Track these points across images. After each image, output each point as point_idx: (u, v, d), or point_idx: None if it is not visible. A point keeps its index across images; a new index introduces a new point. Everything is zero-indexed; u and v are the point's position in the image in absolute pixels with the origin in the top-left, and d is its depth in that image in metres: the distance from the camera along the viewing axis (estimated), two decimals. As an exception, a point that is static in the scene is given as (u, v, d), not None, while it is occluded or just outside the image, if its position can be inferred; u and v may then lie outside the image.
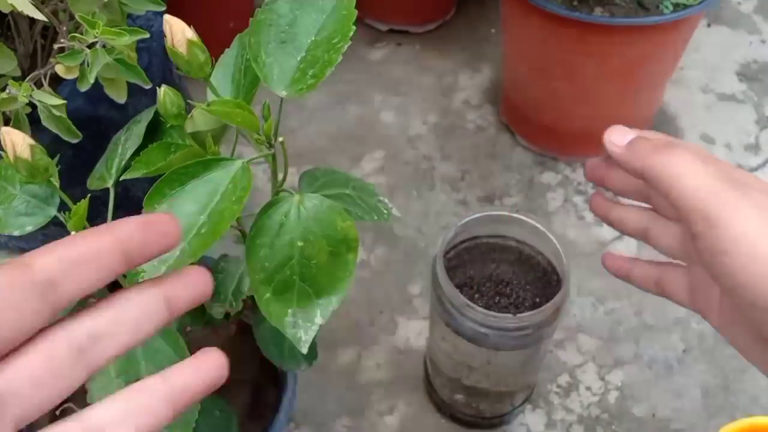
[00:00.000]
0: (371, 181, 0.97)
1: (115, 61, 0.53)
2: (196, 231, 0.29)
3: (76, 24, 0.56)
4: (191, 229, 0.29)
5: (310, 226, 0.34)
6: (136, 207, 0.85)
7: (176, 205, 0.29)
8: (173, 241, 0.24)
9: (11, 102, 0.52)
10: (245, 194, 0.30)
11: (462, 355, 0.61)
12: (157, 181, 0.29)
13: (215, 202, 0.30)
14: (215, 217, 0.29)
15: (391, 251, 0.91)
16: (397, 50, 1.15)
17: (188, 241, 0.29)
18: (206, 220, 0.29)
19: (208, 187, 0.30)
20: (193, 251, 0.29)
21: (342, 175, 0.46)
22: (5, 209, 0.45)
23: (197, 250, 0.28)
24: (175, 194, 0.29)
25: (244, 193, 0.30)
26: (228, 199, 0.30)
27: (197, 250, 0.29)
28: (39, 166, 0.40)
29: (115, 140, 0.50)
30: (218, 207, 0.30)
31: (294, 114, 1.05)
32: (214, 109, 0.32)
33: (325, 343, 0.82)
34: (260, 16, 0.34)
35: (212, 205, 0.30)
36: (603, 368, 0.81)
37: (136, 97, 0.75)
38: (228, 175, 0.31)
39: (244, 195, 0.30)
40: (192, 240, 0.29)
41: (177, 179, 0.30)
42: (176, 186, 0.30)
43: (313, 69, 0.32)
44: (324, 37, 0.33)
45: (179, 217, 0.29)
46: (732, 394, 0.79)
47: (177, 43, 0.32)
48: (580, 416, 0.77)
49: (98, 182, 0.49)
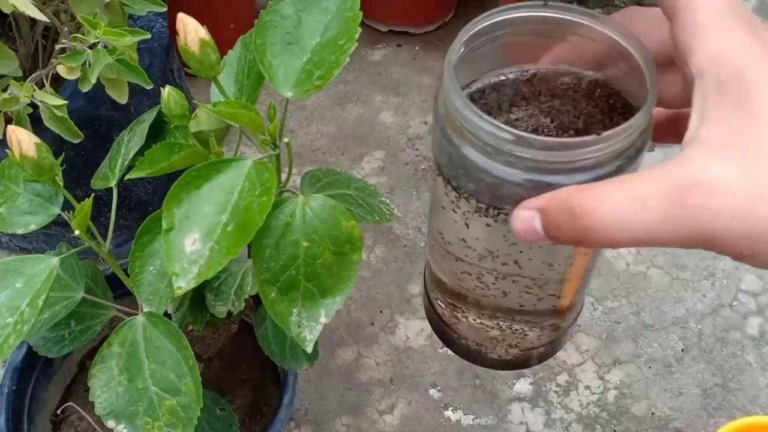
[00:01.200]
0: (371, 181, 0.98)
1: (116, 62, 0.53)
2: (222, 230, 0.29)
3: (78, 25, 0.57)
4: (215, 229, 0.29)
5: (315, 226, 0.34)
6: (138, 207, 0.86)
7: (194, 208, 0.30)
8: None
9: (13, 102, 0.52)
10: (272, 186, 0.30)
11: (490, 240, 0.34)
12: (173, 186, 0.30)
13: (233, 201, 0.30)
14: (240, 213, 0.30)
15: (391, 251, 0.91)
16: (397, 51, 1.16)
17: (216, 241, 0.29)
18: (228, 218, 0.30)
19: (223, 188, 0.30)
20: (225, 249, 0.29)
21: (344, 176, 0.47)
22: (9, 208, 0.46)
23: (230, 247, 0.29)
24: (192, 198, 0.30)
25: (271, 185, 0.30)
26: (251, 194, 0.30)
27: (230, 248, 0.29)
28: (44, 165, 0.40)
29: (119, 140, 0.50)
30: (240, 204, 0.30)
31: (294, 114, 1.05)
32: (220, 109, 0.32)
33: (326, 342, 0.83)
34: (265, 17, 0.34)
35: (231, 204, 0.30)
36: (602, 367, 0.81)
37: (137, 97, 0.75)
38: (241, 174, 0.31)
39: (272, 187, 0.30)
40: (220, 238, 0.29)
41: (192, 182, 0.30)
42: (192, 190, 0.30)
43: (320, 70, 0.32)
44: (329, 39, 0.33)
45: (199, 220, 0.29)
46: (731, 393, 0.79)
47: (190, 42, 0.32)
48: (579, 415, 0.78)
49: (102, 182, 0.49)
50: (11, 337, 0.39)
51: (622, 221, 0.25)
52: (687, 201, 0.24)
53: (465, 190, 0.31)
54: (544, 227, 0.28)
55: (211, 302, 0.46)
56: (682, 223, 0.24)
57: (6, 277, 0.41)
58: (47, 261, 0.42)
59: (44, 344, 0.53)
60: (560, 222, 0.27)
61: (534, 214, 0.28)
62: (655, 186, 0.25)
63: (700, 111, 0.26)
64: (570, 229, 0.27)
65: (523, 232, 0.28)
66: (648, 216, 0.25)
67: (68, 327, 0.53)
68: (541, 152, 0.28)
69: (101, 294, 0.52)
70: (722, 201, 0.24)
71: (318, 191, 0.44)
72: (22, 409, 0.62)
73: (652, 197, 0.25)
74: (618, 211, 0.25)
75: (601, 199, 0.26)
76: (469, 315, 0.39)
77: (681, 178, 0.25)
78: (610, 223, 0.25)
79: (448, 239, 0.35)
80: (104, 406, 0.43)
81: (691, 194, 0.24)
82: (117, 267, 0.49)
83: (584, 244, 0.27)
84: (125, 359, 0.44)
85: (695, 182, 0.24)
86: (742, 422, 0.64)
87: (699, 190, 0.24)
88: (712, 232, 0.24)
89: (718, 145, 0.25)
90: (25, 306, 0.40)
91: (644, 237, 0.25)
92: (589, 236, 0.26)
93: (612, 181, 0.26)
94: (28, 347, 0.61)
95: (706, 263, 0.90)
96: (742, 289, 0.87)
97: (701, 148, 0.25)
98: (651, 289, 0.87)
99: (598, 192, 0.26)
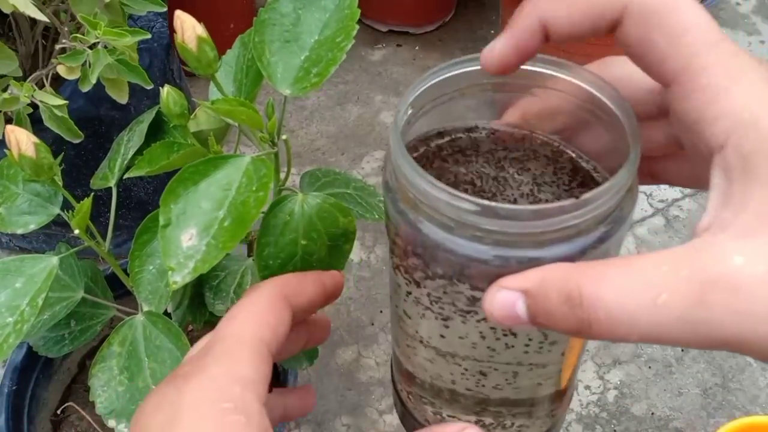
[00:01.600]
0: (371, 181, 0.98)
1: (116, 62, 0.53)
2: (219, 225, 0.29)
3: (78, 25, 0.57)
4: (212, 225, 0.29)
5: (313, 224, 0.34)
6: (138, 207, 0.86)
7: (191, 204, 0.30)
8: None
9: (13, 102, 0.52)
10: (269, 181, 0.31)
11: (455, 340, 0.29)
12: (170, 182, 0.30)
13: (231, 197, 0.30)
14: (237, 209, 0.30)
15: (391, 251, 0.91)
16: (397, 51, 1.16)
17: (213, 236, 0.29)
18: (225, 214, 0.30)
19: (220, 184, 0.30)
20: (221, 244, 0.29)
21: (343, 176, 0.47)
22: (8, 208, 0.46)
23: (225, 242, 0.29)
24: (189, 194, 0.30)
25: (268, 180, 0.31)
26: (248, 190, 0.30)
27: (226, 243, 0.29)
28: (43, 164, 0.40)
29: (118, 140, 0.51)
30: (237, 200, 0.30)
31: (294, 114, 1.05)
32: (218, 107, 0.32)
33: (326, 342, 0.82)
34: (264, 15, 0.34)
35: (228, 200, 0.30)
36: (602, 367, 0.81)
37: (137, 97, 0.75)
38: (239, 170, 0.31)
39: (268, 182, 0.31)
40: (216, 233, 0.29)
41: (189, 178, 0.30)
42: (189, 186, 0.30)
43: (317, 67, 0.32)
44: (327, 36, 0.33)
45: (197, 216, 0.29)
46: (731, 393, 0.79)
47: (187, 39, 0.32)
48: (579, 415, 0.78)
49: (101, 182, 0.49)
50: (11, 336, 0.39)
51: (632, 317, 0.21)
52: (708, 300, 0.20)
53: (424, 273, 0.26)
54: (531, 313, 0.23)
55: (210, 301, 0.46)
56: (702, 326, 0.20)
57: (6, 277, 0.41)
58: (47, 261, 0.42)
59: (44, 344, 0.53)
60: (552, 309, 0.22)
61: (517, 296, 0.23)
62: (670, 277, 0.21)
63: (721, 190, 0.22)
64: (566, 319, 0.22)
65: (501, 317, 0.24)
66: (661, 314, 0.20)
67: (68, 327, 0.53)
68: (511, 223, 0.23)
69: (101, 294, 0.52)
70: (750, 300, 0.20)
71: (317, 190, 0.44)
72: (22, 409, 0.62)
73: (667, 291, 0.20)
74: (628, 303, 0.21)
75: (606, 288, 0.21)
76: (444, 411, 0.33)
77: (700, 271, 0.20)
78: (619, 317, 0.21)
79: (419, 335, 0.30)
80: (105, 405, 0.43)
81: (713, 293, 0.20)
82: (117, 267, 0.49)
83: (583, 336, 0.22)
84: (125, 358, 0.44)
85: (717, 277, 0.20)
86: (742, 422, 0.64)
87: (722, 287, 0.20)
88: (740, 337, 0.20)
89: (743, 231, 0.21)
90: (24, 306, 0.40)
91: (657, 337, 0.21)
92: (591, 329, 0.22)
93: (616, 262, 0.22)
94: (28, 347, 0.61)
95: (706, 263, 0.89)
96: (743, 289, 0.87)
97: (723, 234, 0.21)
98: (651, 289, 0.87)
99: (601, 276, 0.21)
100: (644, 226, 0.93)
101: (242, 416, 0.24)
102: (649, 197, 0.96)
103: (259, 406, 0.25)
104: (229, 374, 0.25)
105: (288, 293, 0.29)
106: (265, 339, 0.27)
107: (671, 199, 0.96)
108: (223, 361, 0.26)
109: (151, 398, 0.26)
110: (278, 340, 0.28)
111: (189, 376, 0.25)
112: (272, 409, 0.33)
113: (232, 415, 0.24)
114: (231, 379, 0.25)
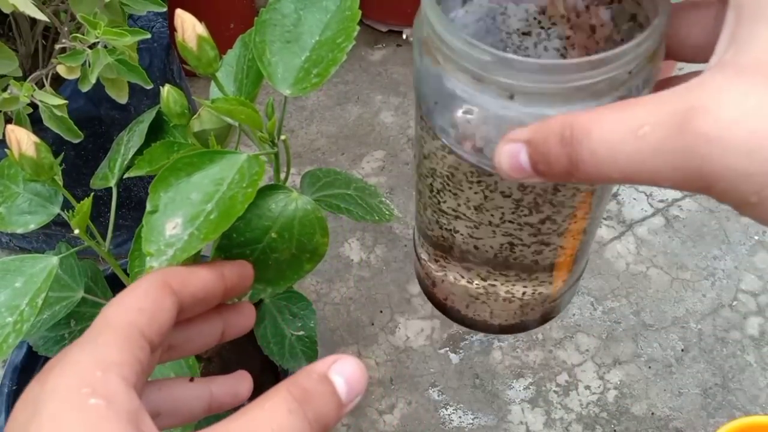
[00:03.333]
0: (371, 181, 0.98)
1: (116, 62, 0.53)
2: (205, 218, 0.29)
3: (78, 24, 0.57)
4: (198, 217, 0.29)
5: (292, 225, 0.34)
6: (138, 207, 0.86)
7: (181, 194, 0.30)
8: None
9: (13, 102, 0.52)
10: (259, 178, 0.31)
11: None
12: (162, 170, 0.30)
13: (221, 192, 0.30)
14: (225, 203, 0.30)
15: (391, 251, 0.91)
16: (397, 51, 1.16)
17: (197, 227, 0.29)
18: (213, 207, 0.30)
19: (213, 179, 0.30)
20: (203, 235, 0.29)
21: (344, 176, 0.47)
22: (8, 208, 0.46)
23: (208, 234, 0.29)
24: (181, 184, 0.30)
25: (258, 177, 0.31)
26: (239, 186, 0.30)
27: (208, 234, 0.29)
28: (44, 164, 0.40)
29: (118, 140, 0.51)
30: (227, 195, 0.30)
31: (294, 114, 1.05)
32: (218, 106, 0.32)
33: (326, 341, 0.83)
34: (265, 15, 0.34)
35: (218, 195, 0.30)
36: (602, 367, 0.81)
37: (137, 97, 0.75)
38: (234, 166, 0.31)
39: (258, 179, 0.31)
40: (201, 225, 0.29)
41: (183, 169, 0.30)
42: (182, 176, 0.30)
43: (318, 68, 0.32)
44: (328, 37, 0.33)
45: (185, 206, 0.29)
46: (731, 393, 0.79)
47: (188, 38, 0.32)
48: (579, 415, 0.78)
49: (101, 182, 0.49)
50: (11, 336, 0.39)
51: (613, 151, 0.20)
52: (686, 128, 0.19)
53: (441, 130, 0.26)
54: (532, 161, 0.23)
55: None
56: (678, 155, 0.19)
57: (5, 277, 0.41)
58: (47, 260, 0.42)
59: (44, 344, 0.53)
60: (549, 153, 0.22)
61: (520, 147, 0.23)
62: (655, 110, 0.20)
63: (730, 30, 0.21)
64: (558, 160, 0.22)
65: (509, 168, 0.24)
66: (639, 145, 0.20)
67: (68, 327, 0.53)
68: (525, 75, 0.23)
69: (101, 294, 0.52)
70: (729, 130, 0.18)
71: (317, 191, 0.44)
72: (22, 409, 0.62)
73: (649, 124, 0.20)
74: (611, 139, 0.20)
75: (595, 124, 0.21)
76: (457, 270, 0.35)
77: (684, 104, 0.19)
78: (602, 153, 0.21)
79: (436, 190, 0.31)
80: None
81: (692, 121, 0.19)
82: (117, 266, 0.49)
83: (573, 178, 0.22)
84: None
85: (700, 110, 0.19)
86: (742, 422, 0.64)
87: (703, 115, 0.19)
88: (711, 168, 0.19)
89: (743, 68, 0.19)
90: (24, 305, 0.40)
91: (632, 171, 0.20)
92: (578, 168, 0.21)
93: (612, 105, 0.21)
94: (28, 347, 0.61)
95: (706, 263, 0.90)
96: (742, 289, 0.87)
97: (719, 74, 0.20)
98: (651, 289, 0.87)
99: (592, 116, 0.21)
100: (644, 226, 0.93)
101: (102, 400, 0.22)
102: (649, 197, 0.96)
103: (125, 388, 0.23)
104: (90, 359, 0.24)
105: (173, 281, 0.28)
106: (137, 324, 0.25)
107: (671, 199, 0.96)
108: (86, 347, 0.24)
109: (20, 398, 0.25)
110: (159, 325, 0.26)
111: (51, 367, 0.24)
112: (191, 399, 0.32)
113: (92, 399, 0.23)
114: (92, 363, 0.24)
